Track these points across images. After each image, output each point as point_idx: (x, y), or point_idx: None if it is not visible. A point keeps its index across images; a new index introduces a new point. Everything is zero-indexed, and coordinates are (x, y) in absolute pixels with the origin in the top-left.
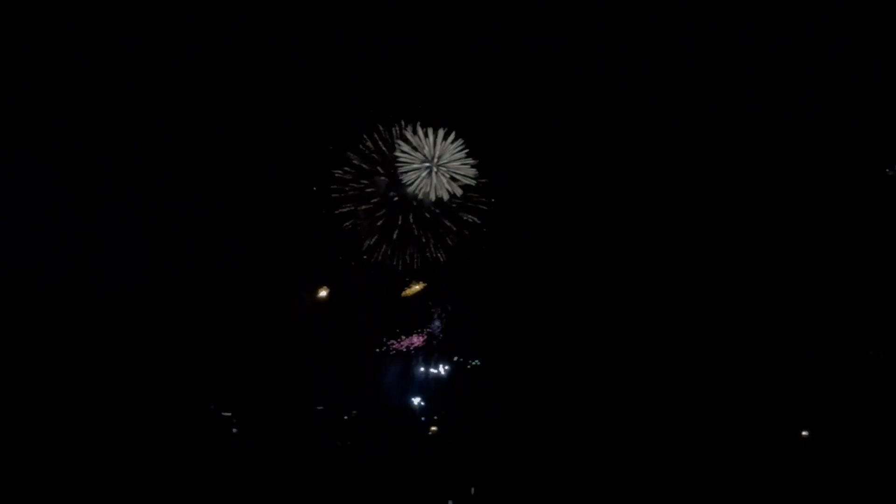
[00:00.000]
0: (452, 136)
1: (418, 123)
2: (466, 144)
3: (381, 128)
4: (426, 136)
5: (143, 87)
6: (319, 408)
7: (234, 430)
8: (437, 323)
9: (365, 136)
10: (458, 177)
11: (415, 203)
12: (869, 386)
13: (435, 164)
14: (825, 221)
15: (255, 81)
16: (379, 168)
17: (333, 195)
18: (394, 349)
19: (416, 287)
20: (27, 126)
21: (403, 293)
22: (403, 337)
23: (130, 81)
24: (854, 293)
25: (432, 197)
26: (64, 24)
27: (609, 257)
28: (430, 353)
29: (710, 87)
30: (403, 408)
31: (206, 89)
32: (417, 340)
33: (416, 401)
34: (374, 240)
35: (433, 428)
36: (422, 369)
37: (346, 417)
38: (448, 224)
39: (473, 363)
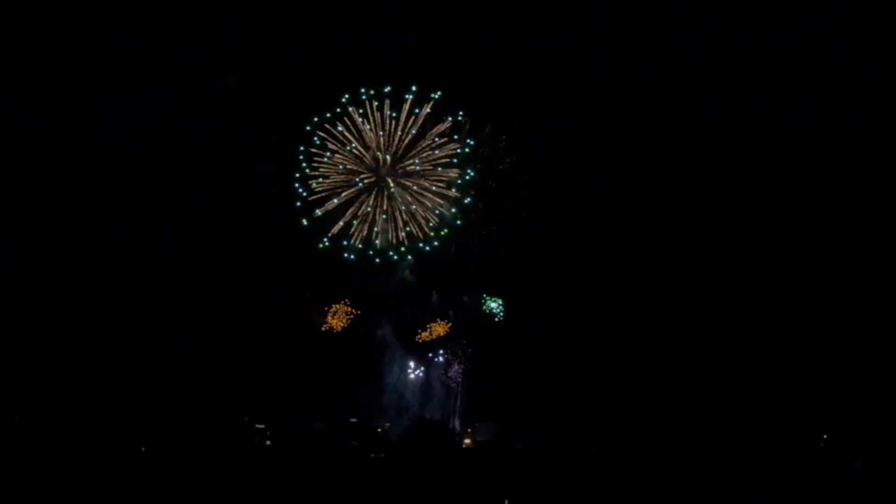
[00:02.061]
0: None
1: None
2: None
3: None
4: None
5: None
6: (353, 420)
7: (268, 443)
8: (455, 367)
9: None
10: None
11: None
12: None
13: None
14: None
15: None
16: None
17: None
18: None
19: (439, 329)
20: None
21: (422, 337)
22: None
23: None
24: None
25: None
26: (65, 24)
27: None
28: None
29: (709, 87)
30: (436, 421)
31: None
32: None
33: (447, 413)
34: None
35: (466, 441)
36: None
37: (379, 430)
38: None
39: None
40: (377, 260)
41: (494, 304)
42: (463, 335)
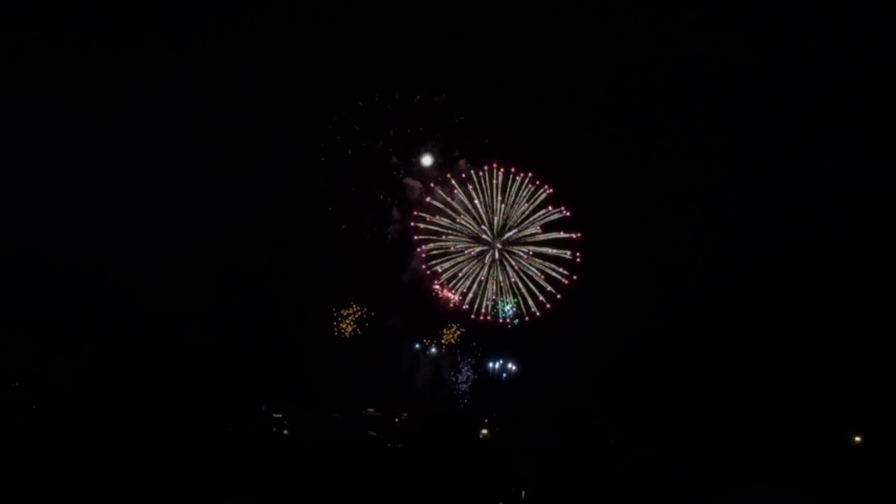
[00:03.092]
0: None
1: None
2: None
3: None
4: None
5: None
6: (369, 410)
7: (285, 432)
8: (465, 372)
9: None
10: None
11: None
12: None
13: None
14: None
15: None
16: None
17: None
18: None
19: (449, 337)
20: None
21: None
22: None
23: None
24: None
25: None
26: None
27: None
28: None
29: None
30: (453, 410)
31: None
32: None
33: (467, 403)
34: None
35: (484, 431)
36: (470, 372)
37: (396, 420)
38: None
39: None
40: None
41: (508, 307)
42: (473, 338)
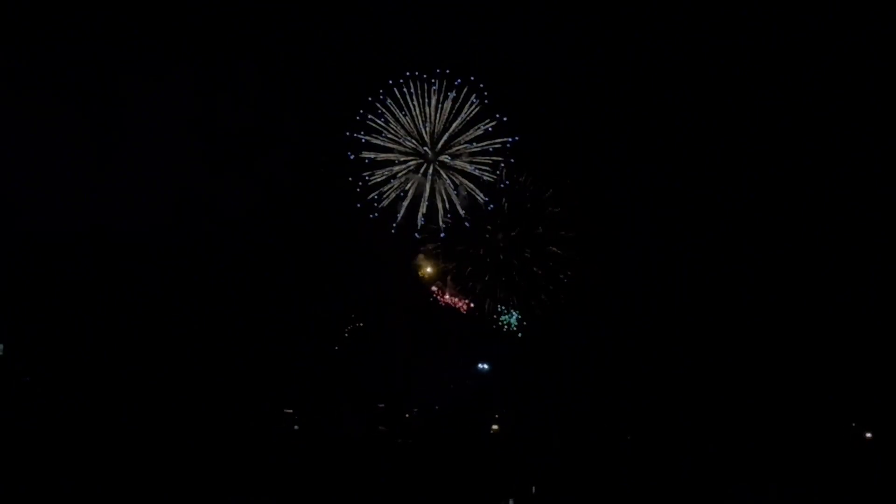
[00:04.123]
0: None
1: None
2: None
3: None
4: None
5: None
6: (381, 405)
7: (296, 427)
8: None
9: None
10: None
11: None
12: None
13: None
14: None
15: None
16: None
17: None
18: None
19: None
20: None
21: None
22: None
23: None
24: None
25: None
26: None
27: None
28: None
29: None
30: (464, 406)
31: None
32: None
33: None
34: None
35: (494, 427)
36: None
37: (406, 415)
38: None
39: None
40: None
41: (512, 319)
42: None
